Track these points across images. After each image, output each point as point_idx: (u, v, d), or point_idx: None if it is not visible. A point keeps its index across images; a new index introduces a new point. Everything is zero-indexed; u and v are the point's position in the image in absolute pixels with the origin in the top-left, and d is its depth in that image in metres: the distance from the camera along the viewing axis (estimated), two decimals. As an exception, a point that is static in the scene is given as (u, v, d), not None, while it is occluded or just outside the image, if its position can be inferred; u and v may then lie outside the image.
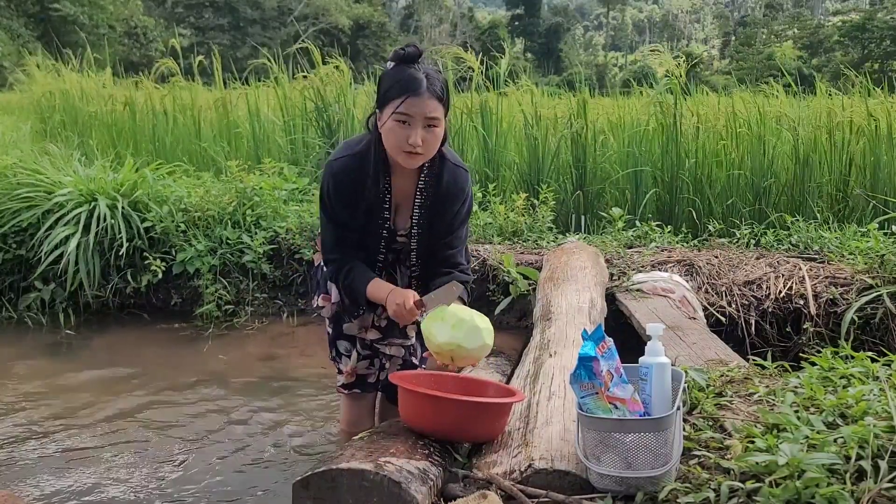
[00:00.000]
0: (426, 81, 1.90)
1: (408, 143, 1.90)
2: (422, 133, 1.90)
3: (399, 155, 1.94)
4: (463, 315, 1.93)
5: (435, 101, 1.91)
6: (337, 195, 2.05)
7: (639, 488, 1.40)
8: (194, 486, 2.40)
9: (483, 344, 1.95)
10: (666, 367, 1.58)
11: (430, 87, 1.90)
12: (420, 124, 1.90)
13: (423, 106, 1.89)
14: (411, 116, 1.89)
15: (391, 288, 2.06)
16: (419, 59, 1.95)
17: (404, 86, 1.90)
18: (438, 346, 1.93)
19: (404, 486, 1.40)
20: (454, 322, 1.91)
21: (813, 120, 5.22)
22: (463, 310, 1.97)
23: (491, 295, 3.89)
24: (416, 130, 1.89)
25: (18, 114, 10.07)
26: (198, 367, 3.58)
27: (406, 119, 1.89)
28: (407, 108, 1.89)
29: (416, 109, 1.89)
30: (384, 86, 1.95)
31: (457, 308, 1.97)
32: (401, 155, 1.94)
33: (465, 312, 1.95)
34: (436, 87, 1.91)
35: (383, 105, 1.93)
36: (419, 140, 1.90)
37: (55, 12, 30.69)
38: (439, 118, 1.93)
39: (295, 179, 5.04)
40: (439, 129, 1.95)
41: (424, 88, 1.89)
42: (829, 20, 48.33)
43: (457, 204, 2.11)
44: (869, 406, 1.50)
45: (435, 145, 1.97)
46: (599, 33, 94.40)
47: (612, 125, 5.82)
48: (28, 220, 4.35)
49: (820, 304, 3.48)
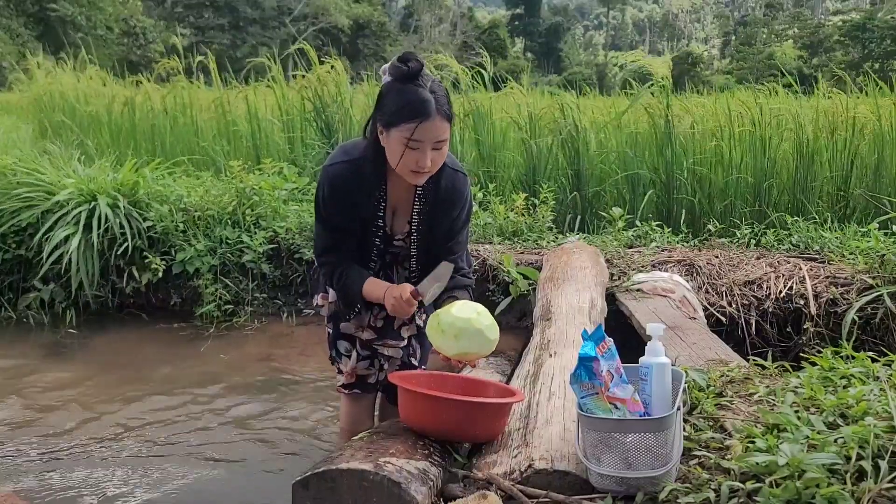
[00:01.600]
0: (435, 103, 1.85)
1: (417, 165, 1.89)
2: (432, 155, 1.89)
3: (406, 174, 1.93)
4: (461, 324, 1.84)
5: (445, 123, 1.87)
6: (332, 200, 2.04)
7: (639, 488, 1.40)
8: (194, 485, 2.39)
9: (489, 342, 1.88)
10: (666, 367, 1.58)
11: (439, 108, 1.86)
12: (430, 147, 1.88)
13: (435, 130, 1.86)
14: (422, 142, 1.86)
15: (387, 285, 2.05)
16: (420, 73, 1.89)
17: (414, 111, 1.84)
18: (454, 319, 1.85)
19: (404, 487, 1.40)
20: (455, 333, 1.84)
21: (814, 119, 5.22)
22: (461, 310, 1.88)
23: (491, 295, 3.89)
24: (426, 154, 1.87)
25: (18, 114, 10.06)
26: (197, 367, 3.58)
27: (418, 145, 1.86)
28: (419, 135, 1.84)
29: (427, 136, 1.85)
30: (390, 105, 1.89)
31: (455, 313, 1.87)
32: (408, 174, 1.93)
33: (463, 315, 1.86)
34: (444, 106, 1.87)
35: (390, 126, 1.88)
36: (429, 162, 1.88)
37: (53, 12, 30.70)
38: (446, 138, 1.91)
39: (295, 179, 5.03)
40: (446, 146, 1.93)
41: (434, 112, 1.84)
42: (829, 20, 48.36)
43: (456, 209, 2.10)
44: (869, 406, 1.50)
45: (441, 161, 1.95)
46: (599, 33, 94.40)
47: (610, 126, 5.81)
48: (27, 220, 4.35)
49: (820, 304, 3.47)
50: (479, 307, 1.91)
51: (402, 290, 1.98)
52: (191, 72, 7.32)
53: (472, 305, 1.91)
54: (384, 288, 2.04)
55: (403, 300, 1.97)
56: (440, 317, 1.87)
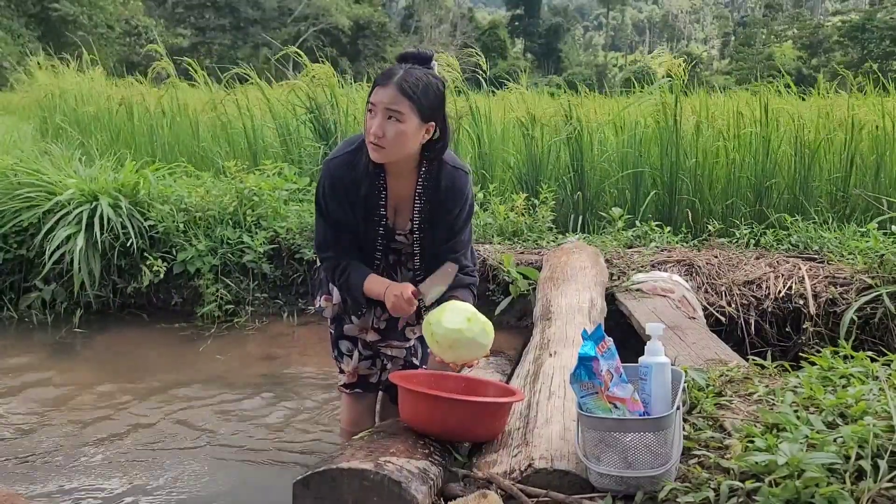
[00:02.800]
0: (401, 75, 1.89)
1: (370, 133, 1.90)
2: (383, 123, 1.88)
3: (368, 147, 1.93)
4: (454, 336, 1.84)
5: (399, 94, 1.87)
6: (332, 192, 2.05)
7: (639, 488, 1.41)
8: (194, 485, 2.40)
9: (482, 347, 1.88)
10: (666, 366, 1.59)
11: (402, 80, 1.88)
12: (382, 115, 1.88)
13: (386, 96, 1.87)
14: (375, 105, 1.89)
15: (388, 282, 2.05)
16: (427, 61, 1.95)
17: (379, 76, 1.92)
18: (445, 331, 1.83)
19: (404, 486, 1.40)
20: (449, 343, 1.83)
21: (814, 119, 5.22)
22: (451, 320, 1.86)
23: (491, 295, 3.90)
24: (377, 120, 1.88)
25: (19, 114, 10.07)
26: (198, 367, 3.58)
27: (371, 108, 1.90)
28: (373, 96, 1.90)
29: (378, 98, 1.88)
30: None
31: (446, 324, 1.86)
32: (369, 147, 1.93)
33: (454, 326, 1.85)
34: (409, 82, 1.88)
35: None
36: (377, 129, 1.88)
37: (55, 12, 30.69)
38: (403, 112, 1.88)
39: (295, 179, 5.04)
40: (404, 126, 1.89)
41: (394, 81, 1.88)
42: (828, 20, 48.27)
43: (457, 206, 2.10)
44: (868, 406, 1.50)
45: (398, 141, 1.91)
46: (599, 33, 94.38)
47: (613, 125, 5.82)
48: (29, 220, 4.35)
49: (819, 304, 3.48)
50: (470, 310, 1.88)
51: (403, 290, 1.99)
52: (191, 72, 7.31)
53: (461, 311, 1.87)
54: (385, 285, 2.04)
55: (404, 299, 1.97)
56: (432, 327, 1.86)
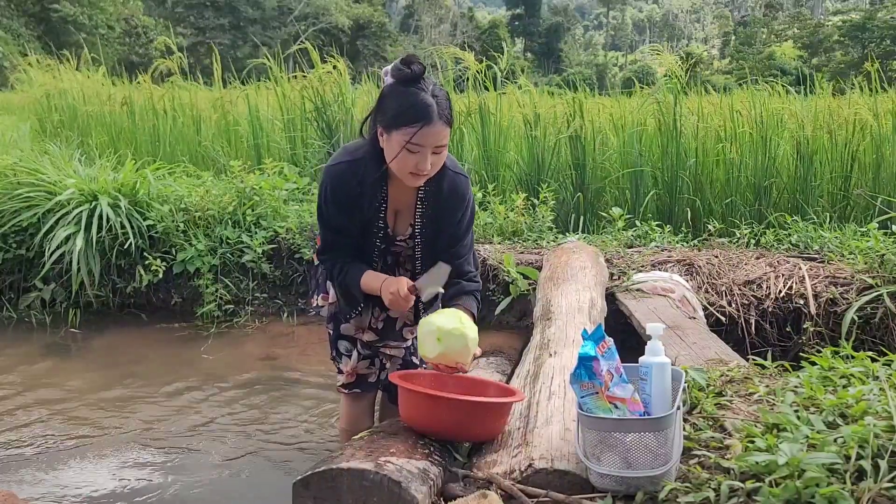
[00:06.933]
0: (437, 108, 1.86)
1: (416, 168, 1.90)
2: (431, 159, 1.90)
3: (405, 176, 1.94)
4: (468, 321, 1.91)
5: (445, 128, 1.89)
6: (334, 200, 2.05)
7: (639, 488, 1.40)
8: (194, 485, 2.40)
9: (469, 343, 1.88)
10: (666, 366, 1.58)
11: (441, 112, 1.87)
12: (430, 151, 1.89)
13: (436, 135, 1.87)
14: (423, 146, 1.87)
15: (385, 277, 2.05)
16: (423, 77, 1.91)
17: (416, 115, 1.85)
18: (432, 360, 1.90)
19: (404, 486, 1.40)
20: (461, 318, 1.89)
21: (814, 118, 5.22)
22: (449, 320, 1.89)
23: (491, 295, 3.89)
24: (426, 157, 1.89)
25: (19, 113, 10.06)
26: (197, 367, 3.58)
27: (418, 149, 1.88)
28: (419, 139, 1.86)
29: (428, 140, 1.87)
30: (391, 107, 1.90)
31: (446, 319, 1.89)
32: (406, 177, 1.94)
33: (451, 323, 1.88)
34: (445, 111, 1.88)
35: (391, 128, 1.90)
36: (429, 166, 1.90)
37: (55, 12, 30.70)
38: (447, 142, 1.93)
39: (295, 179, 5.04)
40: (445, 150, 1.95)
41: (436, 116, 1.86)
42: (829, 20, 48.25)
43: (459, 211, 2.11)
44: (869, 406, 1.50)
45: (440, 164, 1.97)
46: (599, 33, 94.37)
47: (613, 125, 5.82)
48: (28, 220, 4.35)
49: (820, 304, 3.47)
50: (463, 316, 1.92)
51: (399, 285, 1.99)
52: (192, 71, 7.32)
53: (453, 314, 1.92)
54: (381, 280, 2.04)
55: (401, 295, 1.98)
56: (421, 326, 1.90)
